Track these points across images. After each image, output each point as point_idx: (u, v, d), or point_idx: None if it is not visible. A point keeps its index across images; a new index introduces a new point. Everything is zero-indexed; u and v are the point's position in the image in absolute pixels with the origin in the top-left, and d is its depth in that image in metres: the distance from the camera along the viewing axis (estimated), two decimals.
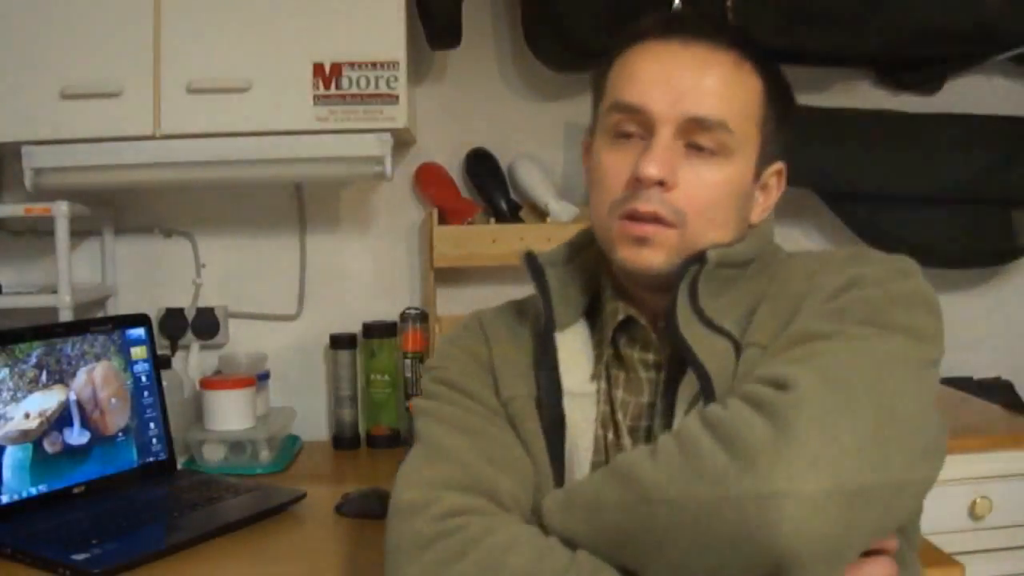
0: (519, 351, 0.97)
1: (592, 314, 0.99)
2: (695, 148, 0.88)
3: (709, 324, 0.87)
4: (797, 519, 0.68)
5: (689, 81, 0.87)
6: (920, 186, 1.89)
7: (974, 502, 1.56)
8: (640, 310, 0.95)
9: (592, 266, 0.99)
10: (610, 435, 0.94)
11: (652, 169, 0.86)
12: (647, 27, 0.92)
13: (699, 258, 0.89)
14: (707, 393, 0.84)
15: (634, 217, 0.88)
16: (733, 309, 0.89)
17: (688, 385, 0.88)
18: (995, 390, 1.95)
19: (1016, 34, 1.81)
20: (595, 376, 0.95)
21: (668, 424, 0.89)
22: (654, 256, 0.88)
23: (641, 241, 0.88)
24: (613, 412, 0.94)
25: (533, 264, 0.97)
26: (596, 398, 0.95)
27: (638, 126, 0.89)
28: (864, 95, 2.00)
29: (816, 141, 1.86)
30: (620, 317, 0.94)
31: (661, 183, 0.86)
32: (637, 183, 0.87)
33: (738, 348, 0.86)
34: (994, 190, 1.90)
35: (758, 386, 0.75)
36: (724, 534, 0.71)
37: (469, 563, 0.79)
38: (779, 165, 0.97)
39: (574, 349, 0.96)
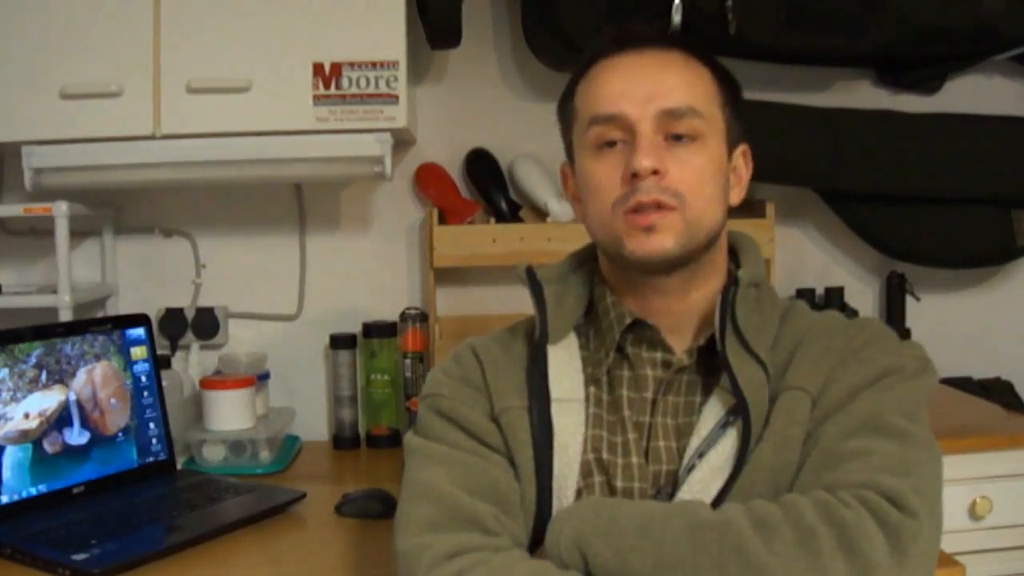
0: (513, 366, 1.02)
1: (581, 328, 1.05)
2: (674, 139, 0.95)
3: (747, 348, 0.94)
4: None
5: (652, 81, 0.95)
6: (920, 186, 1.89)
7: (974, 502, 1.56)
8: (645, 313, 0.99)
9: (586, 283, 1.05)
10: (604, 433, 0.97)
11: (646, 161, 0.92)
12: (600, 48, 1.00)
13: (703, 243, 0.96)
14: (745, 421, 0.91)
15: (638, 209, 0.93)
16: (762, 333, 0.97)
17: (717, 404, 0.94)
18: (995, 390, 1.95)
19: (1016, 34, 1.81)
20: (586, 383, 1.00)
21: (677, 427, 0.96)
22: (664, 240, 0.93)
23: (649, 230, 0.93)
24: (618, 409, 0.98)
25: (532, 279, 1.03)
26: (585, 403, 0.99)
27: (620, 131, 0.95)
28: (864, 95, 2.00)
29: (816, 141, 1.86)
30: (628, 321, 0.99)
31: (655, 172, 0.93)
32: (634, 178, 0.93)
33: (767, 375, 0.94)
34: (994, 190, 1.90)
35: (880, 500, 0.81)
36: None
37: None
38: (744, 146, 1.04)
39: (564, 361, 1.01)
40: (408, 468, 0.99)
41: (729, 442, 0.92)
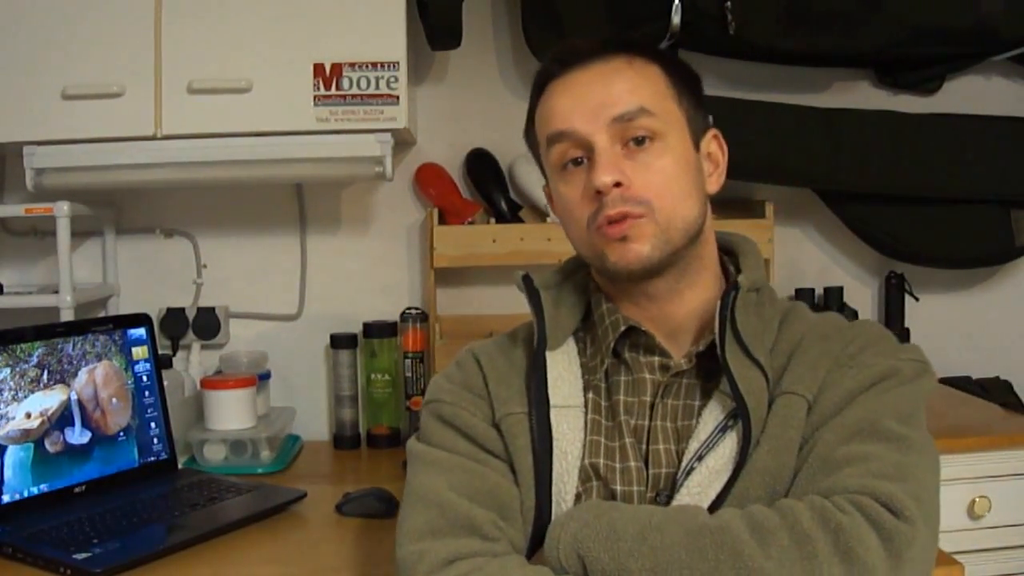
0: (513, 373, 1.02)
1: (579, 335, 1.05)
2: (635, 143, 0.95)
3: (747, 353, 0.94)
4: None
5: (599, 93, 0.96)
6: (920, 186, 1.89)
7: (973, 501, 1.56)
8: (642, 319, 1.00)
9: (581, 289, 1.06)
10: (602, 439, 0.98)
11: (605, 177, 0.93)
12: (547, 71, 1.01)
13: (682, 241, 0.96)
14: (745, 425, 0.91)
15: (609, 223, 0.94)
16: (761, 338, 0.97)
17: (716, 408, 0.94)
18: (994, 390, 1.95)
19: (1015, 35, 1.81)
20: (585, 389, 1.00)
21: (676, 430, 0.96)
22: (641, 246, 0.94)
23: (624, 239, 0.94)
24: (616, 415, 0.98)
25: (530, 286, 1.03)
26: (584, 409, 0.99)
27: (577, 148, 0.96)
28: (864, 95, 2.01)
29: (816, 141, 1.86)
30: (623, 327, 0.99)
31: (618, 185, 0.93)
32: (598, 195, 0.94)
33: (767, 380, 0.94)
34: (993, 190, 1.91)
35: (876, 505, 0.82)
36: None
37: None
38: (713, 130, 1.03)
39: (563, 367, 1.01)
40: (410, 473, 0.99)
41: (728, 446, 0.92)
